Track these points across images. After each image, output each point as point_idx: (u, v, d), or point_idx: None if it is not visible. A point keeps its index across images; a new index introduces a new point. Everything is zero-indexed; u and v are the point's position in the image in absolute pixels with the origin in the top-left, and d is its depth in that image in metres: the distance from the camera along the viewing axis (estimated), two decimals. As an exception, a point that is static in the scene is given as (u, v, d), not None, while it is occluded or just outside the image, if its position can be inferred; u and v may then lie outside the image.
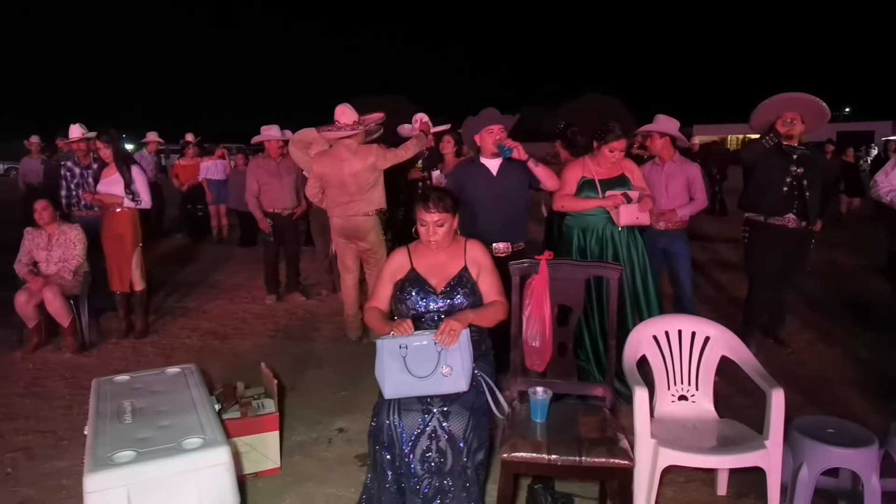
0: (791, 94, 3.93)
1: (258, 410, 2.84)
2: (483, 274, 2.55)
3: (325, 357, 4.42)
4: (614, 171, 3.58)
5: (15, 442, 3.22)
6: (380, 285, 2.61)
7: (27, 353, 4.49)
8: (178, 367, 2.94)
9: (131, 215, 4.69)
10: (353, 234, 4.45)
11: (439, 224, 2.47)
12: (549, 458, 2.15)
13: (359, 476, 2.86)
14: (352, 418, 3.45)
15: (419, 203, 2.50)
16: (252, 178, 5.66)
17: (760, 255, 4.30)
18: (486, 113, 3.52)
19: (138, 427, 2.31)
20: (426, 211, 2.46)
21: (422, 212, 2.47)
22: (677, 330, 2.76)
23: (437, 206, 2.46)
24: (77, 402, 3.70)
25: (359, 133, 4.31)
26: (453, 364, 2.29)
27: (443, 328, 2.30)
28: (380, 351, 2.34)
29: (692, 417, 2.67)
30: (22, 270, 4.51)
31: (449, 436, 2.27)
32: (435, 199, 2.46)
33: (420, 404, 2.31)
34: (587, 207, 3.51)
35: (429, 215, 2.46)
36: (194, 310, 5.68)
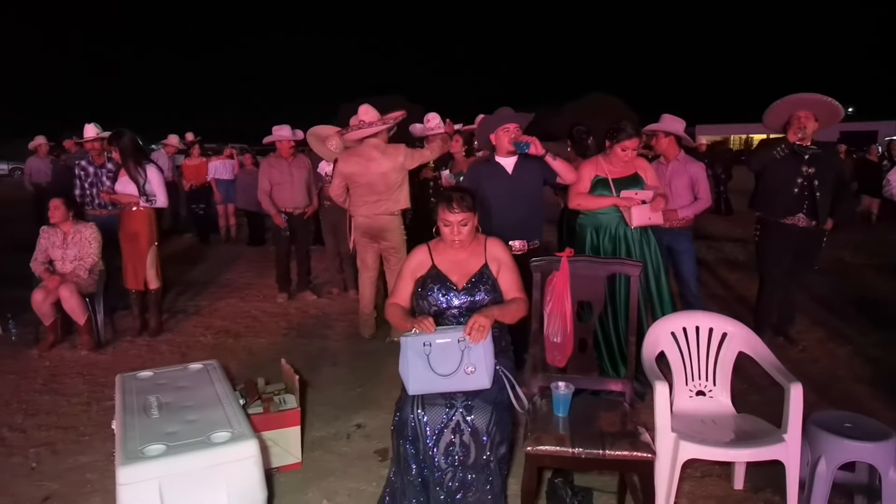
0: (804, 95, 3.96)
1: (280, 406, 2.87)
2: (503, 271, 2.59)
3: (340, 354, 4.45)
4: (627, 169, 3.61)
5: (38, 437, 3.25)
6: (400, 282, 2.65)
7: (43, 351, 4.53)
8: (201, 364, 2.98)
9: (147, 214, 4.72)
10: (378, 234, 4.48)
11: (463, 223, 2.50)
12: (574, 452, 2.18)
13: (379, 471, 2.90)
14: (369, 414, 3.48)
15: (442, 203, 2.53)
16: (264, 177, 5.70)
17: (771, 254, 4.33)
18: (501, 112, 3.55)
19: (166, 421, 2.35)
20: (450, 211, 2.49)
21: (445, 212, 2.50)
22: (695, 326, 2.79)
23: (461, 206, 2.49)
24: (95, 398, 3.74)
25: (383, 130, 4.35)
26: (476, 362, 2.32)
27: (471, 324, 2.32)
28: (404, 348, 2.37)
29: (710, 412, 2.70)
30: (38, 268, 4.55)
31: (472, 429, 2.30)
32: (458, 199, 2.49)
33: (443, 398, 2.34)
34: (602, 206, 3.54)
35: (453, 215, 2.49)
36: (207, 308, 5.72)
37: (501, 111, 3.55)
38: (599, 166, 3.63)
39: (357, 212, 4.48)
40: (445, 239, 2.55)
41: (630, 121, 3.64)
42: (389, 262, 4.58)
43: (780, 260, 4.29)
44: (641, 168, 3.66)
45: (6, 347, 4.66)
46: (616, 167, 3.59)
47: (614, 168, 3.59)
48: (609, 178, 3.57)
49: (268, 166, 5.72)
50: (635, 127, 3.60)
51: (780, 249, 4.27)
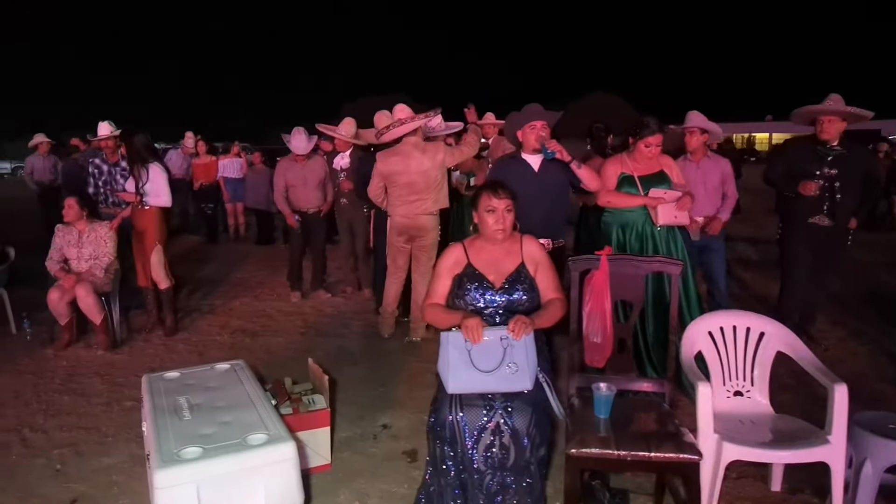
0: (834, 106, 3.94)
1: (309, 406, 2.83)
2: (540, 270, 2.54)
3: (359, 354, 4.40)
4: (653, 167, 3.57)
5: (60, 438, 3.21)
6: (437, 282, 2.60)
7: (59, 350, 4.49)
8: (228, 364, 2.94)
9: (154, 213, 4.67)
10: (416, 233, 4.44)
11: (509, 210, 2.46)
12: (619, 454, 2.14)
13: (409, 472, 2.86)
14: (394, 414, 3.44)
15: (486, 190, 2.49)
16: (280, 179, 5.65)
17: (793, 254, 4.29)
18: (528, 108, 3.50)
19: (199, 423, 2.30)
20: (496, 196, 2.45)
21: (491, 198, 2.46)
22: (732, 326, 2.75)
23: (506, 191, 2.46)
24: (115, 398, 3.70)
25: (419, 126, 4.31)
26: (518, 361, 2.28)
27: (515, 321, 2.28)
28: (444, 344, 2.33)
29: (748, 413, 2.65)
30: (53, 268, 4.50)
31: (513, 431, 2.26)
32: (501, 185, 2.46)
33: (482, 399, 2.29)
34: (631, 205, 3.49)
35: (500, 201, 2.45)
36: (221, 307, 5.67)
37: (529, 108, 3.50)
38: (624, 164, 3.58)
39: (395, 212, 4.41)
40: (488, 229, 2.49)
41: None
42: (419, 262, 4.53)
43: (803, 259, 4.25)
44: (667, 166, 3.61)
45: (21, 347, 4.61)
46: (641, 164, 3.54)
47: (639, 165, 3.55)
48: (635, 175, 3.53)
49: (283, 168, 5.67)
50: (658, 123, 3.56)
51: (801, 249, 4.23)
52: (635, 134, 3.52)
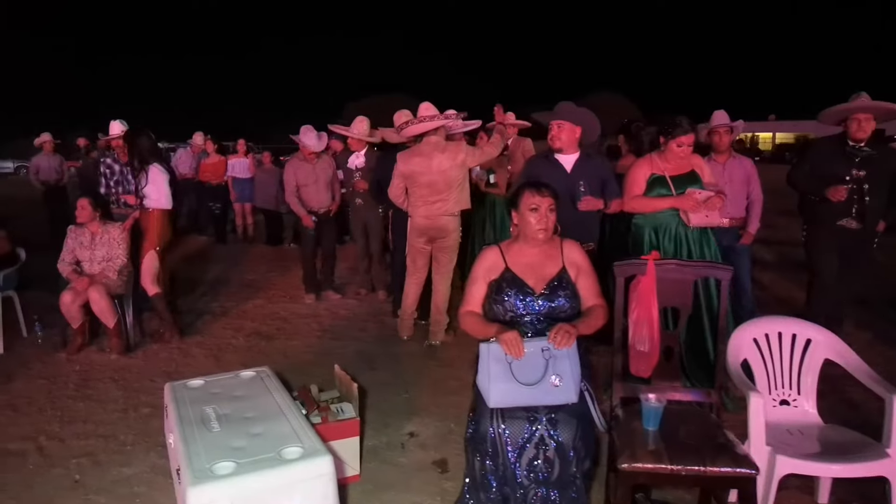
0: (871, 102, 3.83)
1: (337, 415, 2.73)
2: (582, 275, 2.44)
3: (378, 358, 4.30)
4: (684, 167, 3.46)
5: (77, 447, 3.11)
6: (473, 287, 2.49)
7: (72, 354, 4.38)
8: (253, 371, 2.84)
9: (154, 216, 4.53)
10: (437, 234, 4.34)
11: (552, 209, 2.37)
12: (672, 468, 2.04)
13: (441, 483, 2.76)
14: (420, 422, 3.34)
15: (527, 188, 2.41)
16: (290, 178, 5.54)
17: (821, 256, 4.18)
18: (559, 107, 3.40)
19: (229, 435, 2.20)
20: (539, 194, 2.37)
21: (533, 195, 2.38)
22: (777, 332, 2.65)
23: (550, 190, 2.37)
24: (131, 405, 3.60)
25: (442, 126, 4.21)
26: (563, 373, 2.18)
27: (557, 330, 2.19)
28: (484, 356, 2.23)
29: (796, 422, 2.55)
30: (66, 269, 4.40)
31: (558, 445, 2.16)
32: (545, 183, 2.38)
33: (525, 412, 2.20)
34: (660, 208, 3.37)
35: (543, 198, 2.37)
36: (233, 309, 5.57)
37: (561, 106, 3.41)
38: (655, 164, 3.47)
39: (416, 212, 4.31)
40: (530, 229, 2.39)
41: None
42: (440, 263, 4.43)
43: (831, 263, 4.14)
44: (697, 166, 3.50)
45: (33, 350, 4.51)
46: (672, 164, 3.43)
47: (670, 165, 3.43)
48: (667, 175, 3.41)
49: (293, 168, 5.57)
50: (690, 122, 3.46)
51: (829, 252, 4.12)
52: (667, 133, 3.42)
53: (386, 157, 5.24)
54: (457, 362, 4.21)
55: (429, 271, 4.57)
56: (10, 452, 3.06)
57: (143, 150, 4.49)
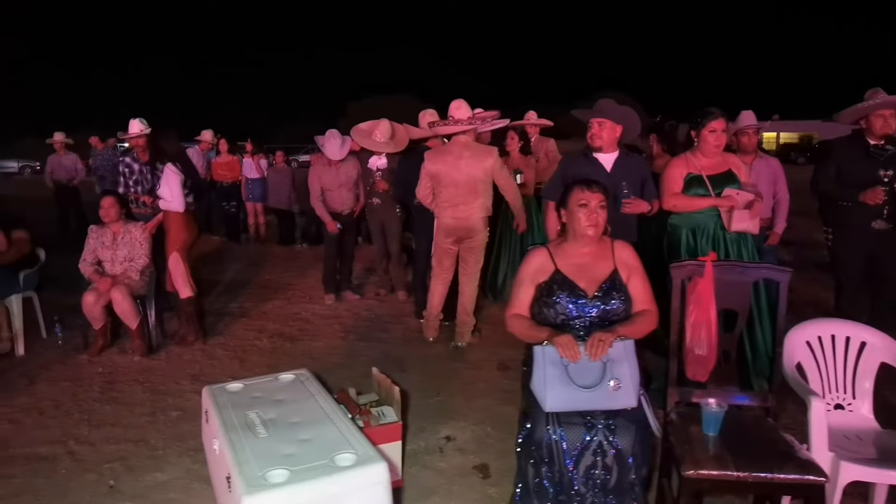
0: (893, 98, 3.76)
1: (380, 419, 2.66)
2: (634, 277, 2.37)
3: (406, 360, 4.23)
4: (721, 166, 3.37)
5: (108, 451, 3.04)
6: (520, 290, 2.43)
7: (93, 356, 4.32)
8: (292, 374, 2.77)
9: (172, 217, 4.44)
10: (465, 235, 4.27)
11: (602, 206, 2.31)
12: (738, 475, 1.97)
13: (484, 489, 2.70)
14: (456, 426, 3.27)
15: (577, 185, 2.36)
16: (315, 181, 5.47)
17: (850, 261, 4.09)
18: (600, 104, 3.33)
19: (278, 441, 2.14)
20: (590, 190, 2.32)
21: (583, 191, 2.33)
22: (830, 335, 2.58)
23: (600, 186, 2.32)
24: (159, 408, 3.54)
25: (473, 129, 4.15)
26: (621, 377, 2.12)
27: (592, 340, 2.14)
28: (539, 359, 2.17)
29: (852, 427, 2.48)
30: (87, 270, 4.34)
31: (617, 451, 2.10)
32: (595, 180, 2.34)
33: (581, 417, 2.14)
34: (701, 207, 3.29)
35: (593, 195, 2.32)
36: (253, 310, 5.51)
37: (601, 103, 3.34)
38: (690, 163, 3.38)
39: (443, 213, 4.24)
40: (579, 226, 2.33)
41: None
42: (467, 264, 4.36)
43: (860, 266, 4.06)
44: (734, 165, 3.41)
45: (54, 352, 4.45)
46: (709, 160, 3.34)
47: (707, 162, 3.34)
48: (703, 175, 3.33)
49: (318, 171, 5.49)
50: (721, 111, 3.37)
51: (858, 255, 4.03)
52: (697, 124, 3.33)
53: (408, 158, 5.17)
54: (485, 364, 4.15)
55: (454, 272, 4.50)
56: (41, 457, 3.00)
57: (162, 150, 4.41)
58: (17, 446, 3.10)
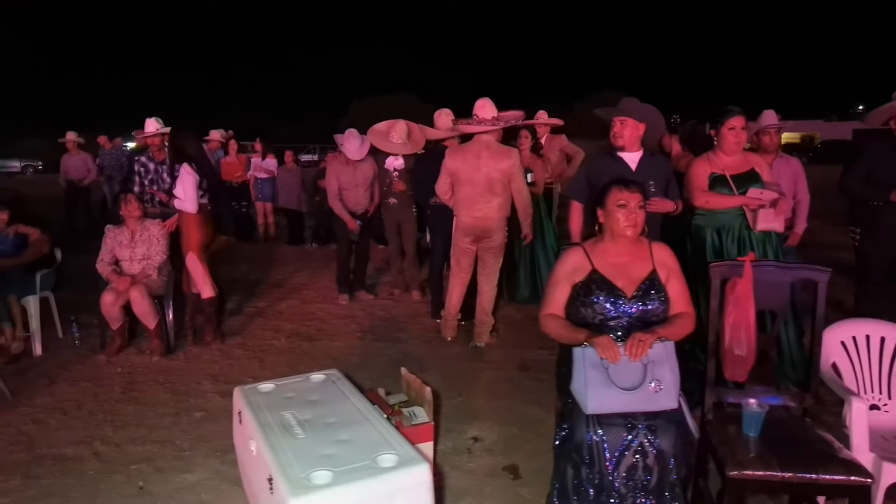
0: None
1: (411, 420, 2.65)
2: (672, 279, 2.36)
3: (425, 360, 4.22)
4: (743, 165, 3.36)
5: (135, 452, 3.03)
6: (556, 289, 2.41)
7: (111, 356, 4.31)
8: (323, 373, 2.75)
9: (187, 217, 4.41)
10: (483, 234, 4.25)
11: (640, 206, 2.30)
12: (783, 476, 1.96)
13: (516, 490, 2.69)
14: (481, 426, 3.26)
15: (615, 185, 2.34)
16: (333, 180, 5.45)
17: (878, 261, 4.06)
18: (623, 103, 3.32)
19: (316, 442, 2.12)
20: (628, 190, 2.31)
21: (621, 191, 2.32)
22: (865, 335, 2.57)
23: (638, 186, 2.31)
24: (182, 408, 3.52)
25: (497, 129, 4.13)
26: (662, 378, 2.11)
27: (631, 340, 2.12)
28: (579, 361, 2.15)
29: (889, 428, 2.47)
30: (105, 270, 4.32)
31: (658, 452, 2.09)
32: (632, 180, 2.33)
33: (622, 418, 2.12)
34: (731, 205, 3.27)
35: (631, 195, 2.31)
36: (268, 310, 5.49)
37: (624, 102, 3.33)
38: (713, 162, 3.37)
39: (461, 211, 4.23)
40: (618, 226, 2.32)
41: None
42: (486, 264, 4.35)
43: (886, 265, 4.05)
44: (757, 164, 3.40)
45: (71, 352, 4.44)
46: (731, 159, 3.32)
47: (730, 161, 3.33)
48: (727, 174, 3.32)
49: (335, 171, 5.48)
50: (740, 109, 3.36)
51: (887, 256, 4.01)
52: (716, 123, 3.32)
53: (425, 158, 5.17)
54: (505, 365, 4.14)
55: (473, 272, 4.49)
56: (68, 458, 2.98)
57: (181, 150, 4.39)
58: (44, 447, 3.09)
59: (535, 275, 5.44)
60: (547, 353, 4.31)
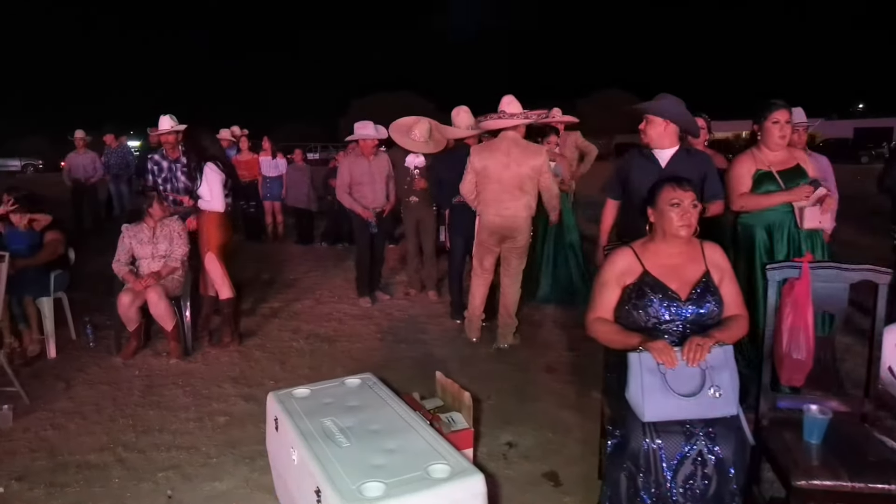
0: None
1: (451, 426, 2.57)
2: (726, 280, 2.28)
3: (449, 361, 4.13)
4: (788, 161, 3.27)
5: (160, 459, 2.94)
6: (604, 292, 2.33)
7: (127, 359, 4.22)
8: (358, 378, 2.67)
9: (208, 217, 4.30)
10: (509, 234, 4.16)
11: (694, 205, 2.22)
12: (854, 486, 1.88)
13: (559, 498, 2.61)
14: (514, 431, 3.17)
15: (667, 184, 2.25)
16: (345, 173, 5.36)
17: None
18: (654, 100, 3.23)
19: (363, 451, 2.04)
20: (681, 189, 2.22)
21: (675, 190, 2.23)
22: (920, 337, 2.49)
23: (691, 184, 2.22)
24: (205, 413, 3.43)
25: (523, 125, 4.05)
26: (722, 383, 2.03)
27: (689, 345, 2.04)
28: (635, 367, 2.07)
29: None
30: (122, 270, 4.22)
31: (718, 460, 2.01)
32: (685, 178, 2.24)
33: (680, 426, 2.04)
34: (772, 204, 3.18)
35: (685, 193, 2.22)
36: (283, 310, 5.40)
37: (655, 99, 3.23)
38: (758, 159, 3.28)
39: (487, 210, 4.13)
40: (671, 226, 2.23)
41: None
42: (510, 264, 4.26)
43: None
44: (802, 160, 3.31)
45: (86, 354, 4.34)
46: (776, 155, 3.23)
47: (773, 157, 3.24)
48: (773, 170, 3.23)
49: (349, 162, 5.38)
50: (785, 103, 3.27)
51: None
52: (760, 116, 3.23)
53: (446, 156, 5.08)
54: (531, 366, 4.05)
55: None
56: (92, 465, 2.90)
57: (204, 148, 4.28)
58: (66, 453, 3.00)
59: (555, 274, 5.36)
60: (573, 354, 4.23)
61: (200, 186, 4.20)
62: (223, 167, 4.25)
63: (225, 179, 4.26)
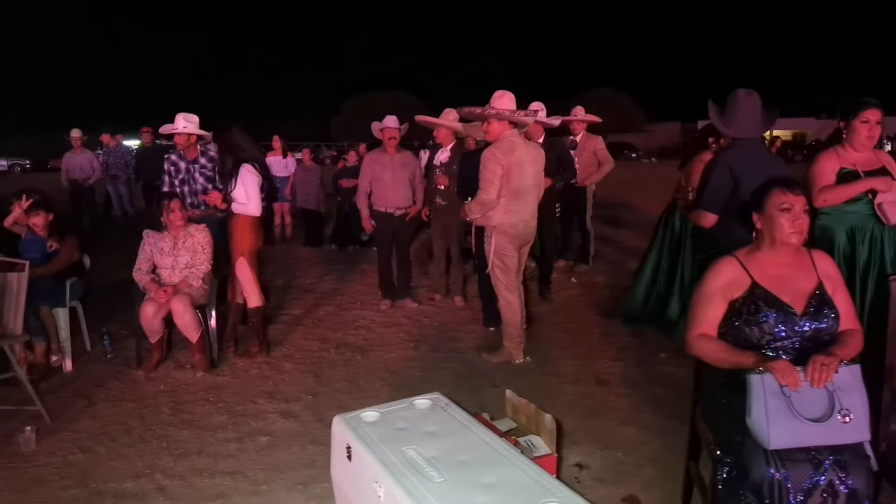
0: None
1: (532, 451, 2.36)
2: (838, 292, 2.10)
3: (495, 374, 3.92)
4: (874, 162, 3.09)
5: (204, 487, 2.71)
6: (708, 306, 2.13)
7: (150, 372, 3.97)
8: (427, 398, 2.44)
9: (241, 220, 4.07)
10: (527, 239, 4.02)
11: (805, 209, 2.03)
12: None
13: (648, 527, 2.41)
14: (581, 451, 2.97)
15: (777, 187, 2.06)
16: (366, 175, 5.14)
17: None
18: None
19: (461, 487, 1.82)
20: (791, 192, 2.04)
21: (785, 194, 2.04)
22: None
23: (801, 188, 2.04)
24: (244, 433, 3.20)
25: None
26: (852, 407, 1.84)
27: (813, 364, 1.85)
28: (757, 390, 1.88)
29: None
30: (143, 279, 3.97)
31: (851, 492, 1.82)
32: (794, 180, 2.06)
33: (806, 454, 1.86)
34: (855, 192, 2.96)
35: (796, 197, 2.03)
36: (305, 317, 5.17)
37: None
38: (842, 157, 3.08)
39: (513, 218, 3.86)
40: (781, 233, 2.04)
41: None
42: (522, 265, 4.15)
43: None
44: (888, 163, 3.12)
45: (105, 368, 4.09)
46: (862, 156, 3.05)
47: (858, 157, 3.06)
48: (858, 169, 3.04)
49: (370, 161, 5.17)
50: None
51: None
52: (848, 113, 3.05)
53: (474, 154, 4.86)
54: (580, 378, 3.86)
55: None
56: (129, 494, 2.66)
57: (240, 149, 4.03)
58: (100, 480, 2.76)
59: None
60: (621, 364, 4.04)
61: (235, 189, 3.95)
62: (259, 168, 4.01)
63: (262, 182, 4.02)
